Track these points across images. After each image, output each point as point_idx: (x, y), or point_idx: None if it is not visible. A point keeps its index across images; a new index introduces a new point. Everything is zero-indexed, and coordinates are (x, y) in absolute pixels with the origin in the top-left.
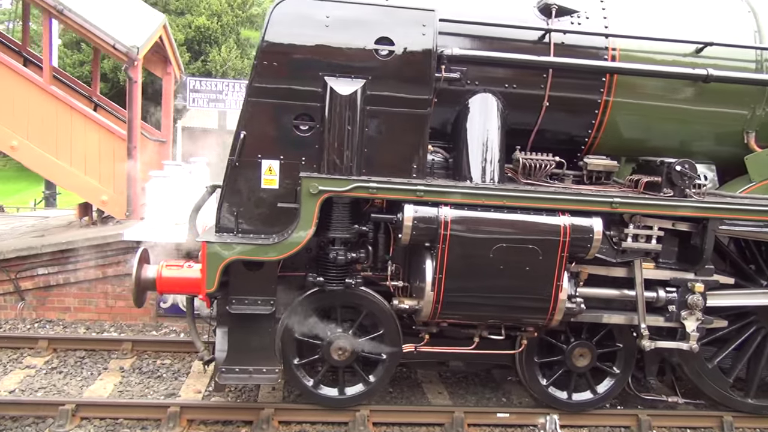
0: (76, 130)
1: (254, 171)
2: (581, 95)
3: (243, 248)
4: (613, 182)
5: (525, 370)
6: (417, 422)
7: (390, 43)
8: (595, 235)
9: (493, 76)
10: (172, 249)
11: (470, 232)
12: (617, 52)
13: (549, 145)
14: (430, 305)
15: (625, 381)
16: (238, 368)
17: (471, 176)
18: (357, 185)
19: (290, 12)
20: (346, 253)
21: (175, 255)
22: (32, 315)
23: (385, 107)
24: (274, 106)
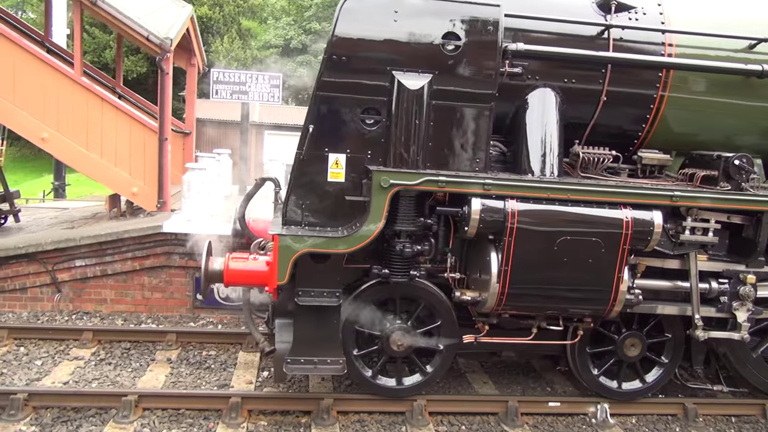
0: (107, 121)
1: (321, 164)
2: (638, 90)
3: (314, 241)
4: (666, 176)
5: (577, 359)
6: (472, 411)
7: (457, 38)
8: (656, 228)
9: (553, 71)
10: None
11: (536, 225)
12: (673, 48)
13: (602, 139)
14: (495, 297)
15: (674, 370)
16: (303, 359)
17: (531, 170)
18: (426, 179)
19: (359, 6)
20: (412, 246)
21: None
22: (69, 307)
23: (450, 102)
24: (342, 100)
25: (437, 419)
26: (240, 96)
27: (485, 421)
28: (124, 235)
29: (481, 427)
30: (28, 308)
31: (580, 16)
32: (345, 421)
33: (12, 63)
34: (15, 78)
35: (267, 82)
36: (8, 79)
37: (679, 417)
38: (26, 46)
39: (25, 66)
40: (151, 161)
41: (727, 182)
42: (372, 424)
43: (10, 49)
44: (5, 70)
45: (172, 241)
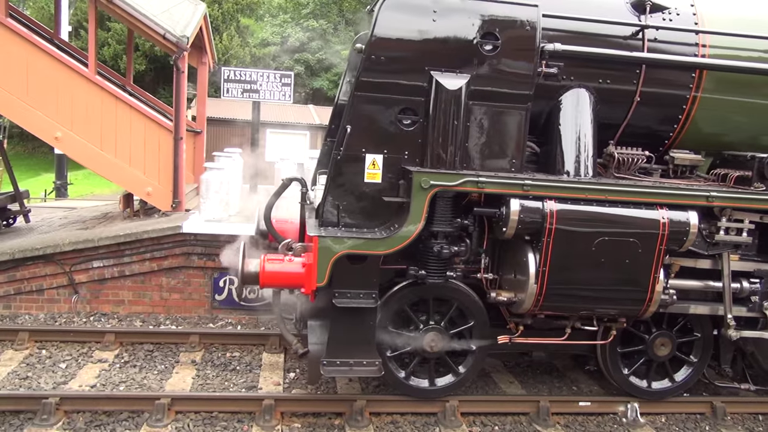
0: (121, 120)
1: (358, 165)
2: (671, 91)
3: (353, 242)
4: (696, 176)
5: (608, 359)
6: (503, 412)
7: (495, 38)
8: (692, 228)
9: (588, 72)
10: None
11: (574, 225)
12: (707, 48)
13: (633, 139)
14: (532, 297)
15: (702, 369)
16: (339, 361)
17: (566, 170)
18: (466, 180)
19: (399, 6)
20: (449, 247)
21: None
22: (86, 308)
23: (487, 102)
24: (380, 100)
25: (469, 420)
26: (251, 95)
27: (517, 421)
28: (143, 236)
29: (513, 427)
30: (45, 310)
31: (615, 16)
32: (378, 422)
33: (25, 61)
34: (28, 76)
35: (278, 80)
36: (21, 77)
37: (707, 415)
38: (39, 43)
39: (39, 64)
40: (165, 161)
41: (761, 182)
42: (405, 425)
43: (23, 47)
44: (18, 68)
45: (191, 242)
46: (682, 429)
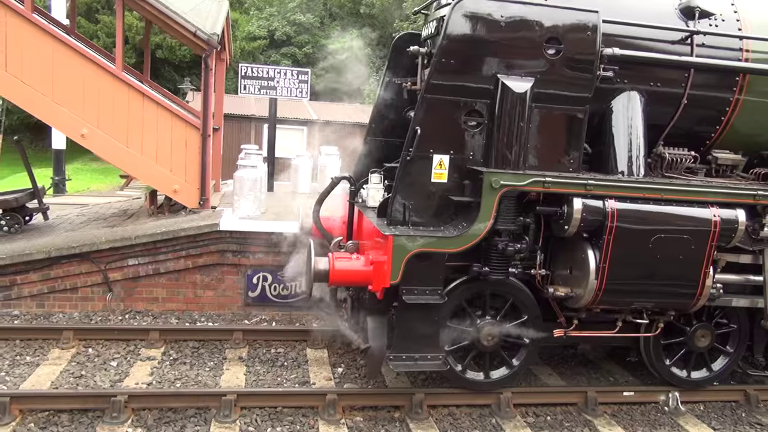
0: (148, 118)
1: (426, 165)
2: (716, 94)
3: (425, 241)
4: (737, 175)
5: (651, 350)
6: (554, 402)
7: (558, 42)
8: (740, 225)
9: (640, 75)
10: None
11: (633, 223)
12: (750, 53)
13: (676, 139)
14: (592, 293)
15: (738, 359)
16: (405, 356)
17: (619, 170)
18: (534, 180)
19: (469, 11)
20: (513, 244)
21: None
22: (120, 306)
23: (549, 104)
24: (448, 103)
25: (522, 411)
26: (268, 91)
27: (566, 411)
28: (181, 234)
29: (564, 417)
30: (78, 308)
31: (665, 21)
32: (437, 414)
33: (51, 58)
34: (54, 73)
35: (295, 77)
36: (47, 74)
37: (741, 403)
38: (66, 39)
39: (65, 61)
40: (192, 158)
41: None
42: (462, 417)
43: (49, 43)
44: (44, 65)
45: (226, 239)
46: (720, 416)
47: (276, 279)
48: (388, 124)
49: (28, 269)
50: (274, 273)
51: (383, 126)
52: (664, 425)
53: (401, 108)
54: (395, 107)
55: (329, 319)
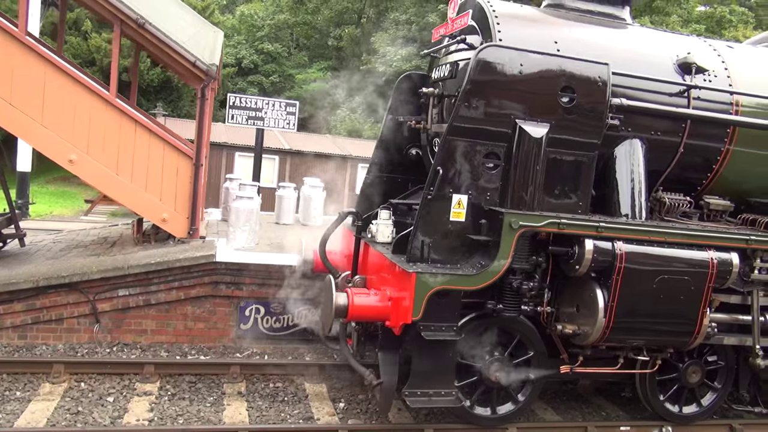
0: (140, 145)
1: (445, 205)
2: (709, 144)
3: (446, 278)
4: (725, 220)
5: (647, 386)
6: None
7: (572, 91)
8: (734, 268)
9: (643, 124)
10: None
11: (640, 264)
12: (739, 107)
13: (671, 185)
14: (600, 330)
15: (726, 394)
16: (420, 392)
17: (623, 213)
18: (550, 221)
19: (492, 58)
20: (528, 282)
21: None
22: (107, 338)
23: (562, 149)
24: (469, 145)
25: None
26: (256, 122)
27: None
28: (175, 264)
29: None
30: (63, 340)
31: (664, 75)
32: None
33: (42, 80)
34: (44, 96)
35: (283, 109)
36: (37, 97)
37: None
38: (58, 63)
39: (56, 84)
40: (182, 187)
41: None
42: None
43: (41, 65)
44: (34, 88)
45: (220, 271)
46: None
47: (269, 311)
48: (391, 160)
49: (12, 299)
50: (267, 305)
51: (386, 162)
52: None
53: (403, 145)
54: (397, 144)
55: (335, 353)
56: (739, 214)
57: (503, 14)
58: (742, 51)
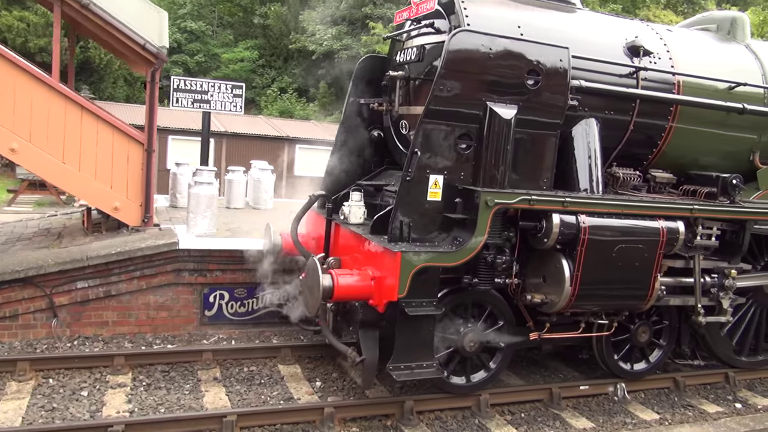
0: (87, 131)
1: (423, 185)
2: (655, 121)
3: (428, 256)
4: (668, 192)
5: (603, 348)
6: (525, 400)
7: (537, 74)
8: (681, 235)
9: (597, 104)
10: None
11: (602, 236)
12: (681, 87)
13: (621, 160)
14: (567, 298)
15: (670, 351)
16: (403, 365)
17: (582, 188)
18: (522, 198)
19: (463, 44)
20: (501, 257)
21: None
22: (66, 332)
23: (528, 129)
24: (443, 127)
25: (500, 410)
26: (202, 105)
27: (535, 407)
28: (137, 254)
29: (536, 412)
30: (19, 337)
31: (614, 57)
32: (425, 419)
33: None
34: None
35: (230, 91)
36: None
37: (672, 389)
38: None
39: None
40: (134, 174)
41: (724, 197)
42: (449, 420)
43: None
44: None
45: (183, 258)
46: (659, 401)
47: (233, 297)
48: (353, 142)
49: None
50: (231, 291)
51: (348, 144)
52: (618, 413)
53: (365, 127)
54: (359, 126)
55: (302, 335)
56: (681, 186)
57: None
58: (679, 34)
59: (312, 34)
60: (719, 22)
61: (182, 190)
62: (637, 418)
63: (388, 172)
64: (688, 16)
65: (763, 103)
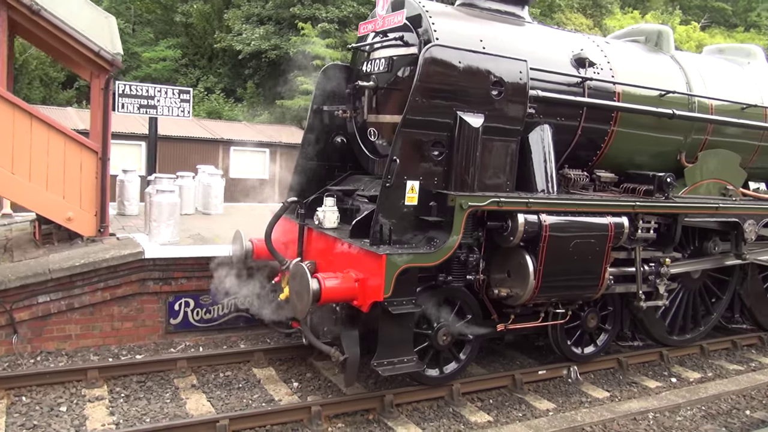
0: (37, 140)
1: (401, 190)
2: (599, 126)
3: (410, 257)
4: (611, 190)
5: (558, 334)
6: (491, 387)
7: (501, 85)
8: (626, 229)
9: (551, 112)
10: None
11: (560, 232)
12: (620, 95)
13: (571, 163)
14: (531, 291)
15: (615, 334)
16: (386, 361)
17: (540, 189)
18: (491, 200)
19: (437, 59)
20: (472, 255)
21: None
22: (27, 349)
23: (493, 136)
24: (419, 135)
25: (470, 397)
26: (148, 110)
27: (501, 393)
28: (102, 264)
29: (503, 398)
30: None
31: (564, 68)
32: (404, 410)
33: None
34: None
35: (177, 96)
36: None
37: (616, 368)
38: None
39: None
40: (87, 183)
41: (660, 194)
42: (426, 410)
43: None
44: None
45: (148, 267)
46: (606, 381)
47: (198, 304)
48: (318, 148)
49: None
50: (196, 298)
51: (313, 150)
52: (574, 393)
53: (329, 133)
54: (324, 132)
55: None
56: (621, 184)
57: (435, 13)
58: (616, 46)
59: (238, 33)
60: (647, 34)
61: (130, 197)
62: (591, 397)
63: (354, 176)
64: (597, 19)
65: (688, 108)
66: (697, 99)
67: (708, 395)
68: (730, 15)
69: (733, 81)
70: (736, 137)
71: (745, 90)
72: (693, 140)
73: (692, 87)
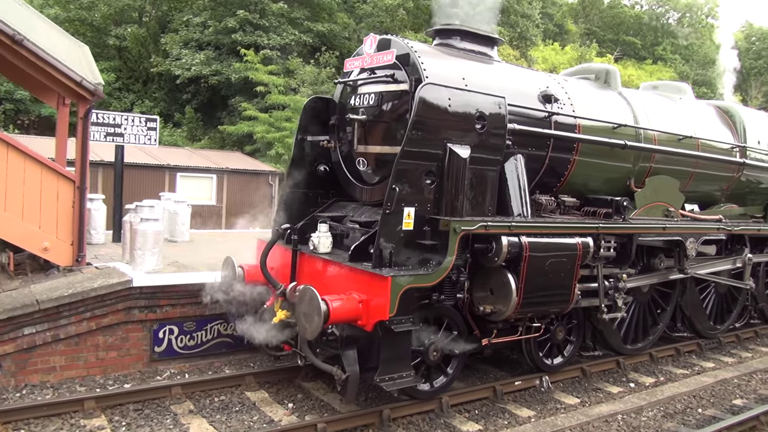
0: (13, 169)
1: (399, 216)
2: (564, 155)
3: (412, 278)
4: (573, 213)
5: (532, 346)
6: (475, 398)
7: (483, 119)
8: (591, 248)
9: (524, 143)
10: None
11: (538, 252)
12: (580, 128)
13: (540, 189)
14: (513, 307)
15: (579, 345)
16: (388, 377)
17: (516, 213)
18: (481, 224)
19: (430, 96)
20: (462, 275)
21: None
22: (11, 382)
23: (478, 165)
24: (414, 166)
25: (457, 409)
26: (115, 138)
27: (485, 403)
28: (90, 294)
29: (487, 408)
30: None
31: (533, 104)
32: (400, 424)
33: None
34: None
35: (143, 124)
36: None
37: (581, 377)
38: None
39: None
40: (64, 212)
41: (618, 216)
42: (420, 423)
43: None
44: None
45: (135, 295)
46: (574, 388)
47: (182, 331)
48: (302, 176)
49: None
50: (180, 324)
51: (298, 179)
52: (548, 401)
53: (312, 163)
54: (307, 162)
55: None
56: (582, 207)
57: (422, 52)
58: (573, 84)
59: (177, 57)
60: (596, 72)
61: (96, 225)
62: (564, 404)
63: (339, 203)
64: (523, 50)
65: (636, 139)
66: (643, 131)
67: (664, 397)
68: (639, 48)
69: (670, 115)
70: (676, 164)
71: (680, 123)
72: (640, 167)
73: (638, 120)
